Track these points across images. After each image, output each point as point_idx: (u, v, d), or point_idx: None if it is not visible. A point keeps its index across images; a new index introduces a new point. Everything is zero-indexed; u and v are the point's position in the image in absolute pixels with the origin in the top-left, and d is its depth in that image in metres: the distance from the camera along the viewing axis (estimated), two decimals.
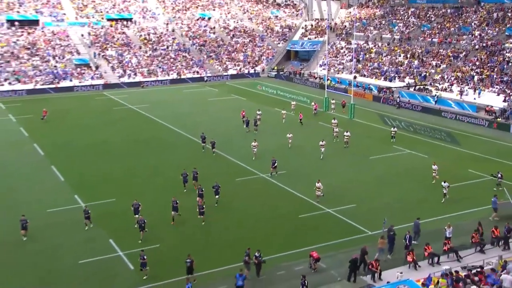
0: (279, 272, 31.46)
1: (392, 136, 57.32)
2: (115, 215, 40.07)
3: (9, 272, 32.52)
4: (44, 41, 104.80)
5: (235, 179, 46.93)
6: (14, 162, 53.14)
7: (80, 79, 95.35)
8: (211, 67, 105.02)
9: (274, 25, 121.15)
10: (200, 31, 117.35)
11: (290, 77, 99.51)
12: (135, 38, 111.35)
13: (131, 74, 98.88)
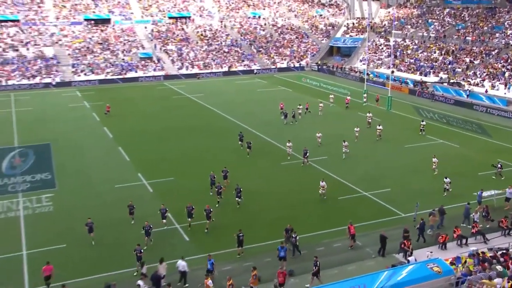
0: (318, 248, 31.24)
1: (421, 129, 55.42)
2: (173, 192, 40.34)
3: (84, 240, 33.04)
4: (114, 37, 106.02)
5: (281, 163, 46.52)
6: (88, 143, 54.00)
7: (144, 70, 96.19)
8: (260, 60, 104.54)
9: (318, 23, 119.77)
10: (251, 28, 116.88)
11: (332, 70, 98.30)
12: (192, 34, 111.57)
13: (188, 66, 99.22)
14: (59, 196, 40.33)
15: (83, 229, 32.71)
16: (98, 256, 30.60)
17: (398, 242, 30.43)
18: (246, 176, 43.24)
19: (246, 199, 38.07)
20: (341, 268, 28.72)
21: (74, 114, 68.15)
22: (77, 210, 37.65)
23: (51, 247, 31.76)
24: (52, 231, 34.47)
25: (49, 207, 38.39)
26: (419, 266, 26.11)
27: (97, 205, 38.50)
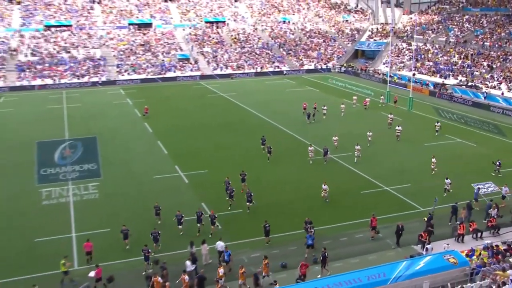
0: (342, 239, 31.11)
1: (436, 130, 54.32)
2: (207, 183, 40.53)
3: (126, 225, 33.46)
4: (155, 40, 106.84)
5: (306, 158, 46.24)
6: (130, 137, 54.57)
7: (181, 70, 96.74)
8: (290, 62, 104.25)
9: (344, 28, 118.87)
10: (281, 32, 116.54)
11: (357, 72, 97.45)
12: (227, 37, 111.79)
13: (222, 67, 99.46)
14: (103, 185, 40.94)
15: (126, 214, 33.25)
16: (137, 240, 30.92)
17: (416, 234, 30.18)
18: (274, 170, 43.23)
19: (274, 191, 38.11)
20: (363, 258, 28.57)
21: (118, 110, 68.98)
22: (120, 198, 38.28)
23: (96, 231, 32.27)
24: (97, 216, 35.02)
25: (95, 195, 39.01)
26: (436, 257, 25.84)
27: (137, 194, 38.98)
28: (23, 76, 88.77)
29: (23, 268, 28.51)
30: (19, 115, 66.79)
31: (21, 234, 32.60)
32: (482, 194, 35.54)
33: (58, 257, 27.42)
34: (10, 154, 49.26)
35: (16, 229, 33.39)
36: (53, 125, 60.47)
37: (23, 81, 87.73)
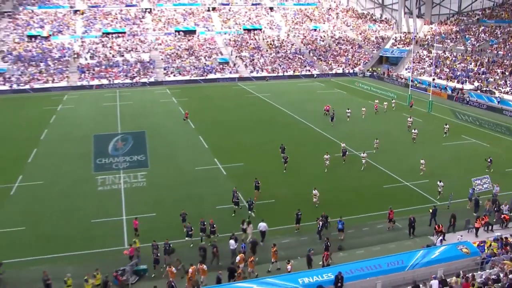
0: (364, 229, 30.86)
1: (445, 132, 52.80)
2: (243, 175, 40.55)
3: (170, 210, 33.90)
4: (198, 45, 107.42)
5: (334, 155, 45.33)
6: (175, 132, 55.03)
7: (221, 73, 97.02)
8: (320, 66, 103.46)
9: (370, 35, 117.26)
10: (312, 39, 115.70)
11: (381, 77, 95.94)
12: (263, 43, 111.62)
13: (258, 70, 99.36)
14: (151, 174, 41.45)
15: (170, 201, 33.67)
16: (180, 224, 31.22)
17: (433, 226, 29.69)
18: (305, 163, 42.96)
19: (304, 184, 37.87)
20: (383, 246, 28.35)
21: (164, 108, 69.64)
22: (165, 186, 38.72)
23: (144, 215, 32.72)
24: (144, 202, 35.51)
25: (143, 183, 39.53)
26: (450, 247, 25.57)
27: (181, 183, 39.35)
28: (83, 77, 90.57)
29: (81, 245, 29.28)
30: (79, 111, 68.20)
31: (80, 215, 33.41)
32: (477, 193, 34.53)
33: (111, 237, 28.05)
34: (72, 145, 50.39)
35: (76, 211, 34.25)
36: (108, 120, 61.53)
37: (83, 81, 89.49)
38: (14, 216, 33.43)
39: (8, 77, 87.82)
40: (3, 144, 51.44)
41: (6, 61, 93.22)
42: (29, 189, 38.45)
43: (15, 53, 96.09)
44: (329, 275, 22.83)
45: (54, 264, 26.64)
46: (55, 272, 24.92)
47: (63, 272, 24.47)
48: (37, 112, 67.50)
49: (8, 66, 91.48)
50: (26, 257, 27.50)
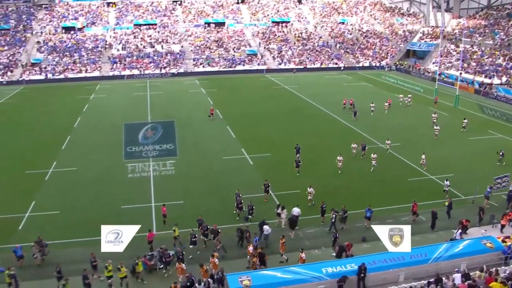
0: (388, 220, 30.45)
1: (463, 126, 51.25)
2: (269, 165, 40.65)
3: (198, 198, 34.24)
4: (227, 37, 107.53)
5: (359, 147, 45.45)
6: (203, 122, 55.33)
7: (250, 64, 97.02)
8: (347, 59, 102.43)
9: (398, 29, 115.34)
10: (340, 32, 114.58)
11: (408, 70, 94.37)
12: (291, 36, 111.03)
13: (286, 62, 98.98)
14: (179, 163, 41.88)
15: (198, 190, 34.05)
16: (208, 211, 31.55)
17: (457, 220, 29.26)
18: (329, 154, 42.43)
19: (329, 175, 37.72)
20: None
21: (193, 98, 70.09)
22: (192, 175, 39.10)
23: (172, 202, 33.11)
24: (173, 190, 35.95)
25: (172, 171, 40.01)
26: (474, 241, 25.28)
27: (208, 172, 39.66)
28: (115, 67, 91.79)
29: None
30: (111, 100, 69.28)
31: (111, 201, 34.11)
32: (494, 191, 33.65)
33: (140, 223, 28.32)
34: (103, 133, 51.29)
35: (107, 197, 34.98)
36: (138, 110, 62.30)
37: (115, 71, 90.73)
38: (49, 201, 34.32)
39: (44, 67, 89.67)
40: (39, 132, 52.67)
41: (42, 51, 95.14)
42: (63, 175, 39.36)
43: (50, 44, 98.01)
44: (352, 265, 22.85)
45: (92, 247, 27.26)
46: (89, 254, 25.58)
47: (96, 255, 25.07)
48: (71, 101, 68.83)
49: (44, 57, 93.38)
50: (62, 239, 28.14)
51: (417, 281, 22.34)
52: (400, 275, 23.06)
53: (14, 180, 38.26)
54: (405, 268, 23.21)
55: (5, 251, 27.37)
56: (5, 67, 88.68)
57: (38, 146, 47.24)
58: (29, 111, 63.29)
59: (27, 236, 28.99)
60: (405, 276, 23.14)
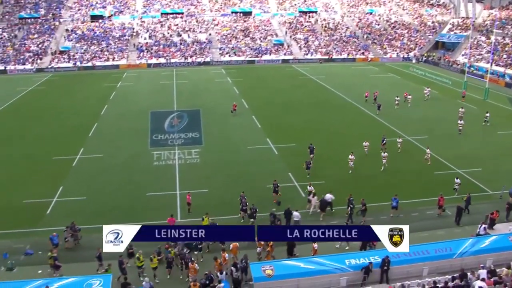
0: (413, 214, 30.35)
1: (485, 120, 49.89)
2: (294, 155, 40.58)
3: (222, 187, 34.53)
4: (254, 26, 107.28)
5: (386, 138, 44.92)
6: (229, 111, 55.26)
7: (276, 54, 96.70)
8: (374, 50, 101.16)
9: (427, 20, 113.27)
10: (367, 23, 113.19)
11: (436, 62, 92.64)
12: (318, 26, 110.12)
13: (313, 52, 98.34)
14: (204, 151, 42.22)
15: (223, 179, 34.38)
16: (232, 200, 31.77)
17: (483, 215, 28.83)
18: (354, 146, 42.04)
19: (359, 165, 37.45)
20: (431, 232, 27.85)
21: (219, 87, 70.33)
22: (217, 164, 39.37)
23: (196, 190, 33.41)
24: (198, 178, 36.28)
25: (197, 159, 40.37)
26: (501, 237, 24.88)
27: (233, 161, 39.95)
28: (142, 56, 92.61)
29: (138, 216, 30.33)
30: (137, 89, 70.06)
31: (137, 188, 34.64)
32: None
33: (165, 210, 28.89)
34: (130, 121, 51.97)
35: (133, 184, 35.53)
36: (164, 98, 62.85)
37: (142, 59, 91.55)
38: (76, 186, 35.07)
39: (72, 55, 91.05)
40: (67, 118, 53.60)
41: (70, 39, 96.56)
42: (90, 162, 40.13)
43: (79, 32, 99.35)
44: (376, 257, 22.76)
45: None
46: None
47: None
48: (98, 89, 69.85)
49: (72, 44, 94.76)
50: (89, 225, 28.61)
51: (441, 276, 22.18)
52: (424, 269, 22.91)
53: (43, 166, 39.16)
54: (429, 262, 23.02)
55: (34, 235, 28.20)
56: (34, 54, 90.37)
57: (66, 132, 48.17)
58: (57, 98, 64.53)
59: (54, 221, 29.87)
60: (429, 270, 22.97)
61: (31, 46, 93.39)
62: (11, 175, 37.38)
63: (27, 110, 57.83)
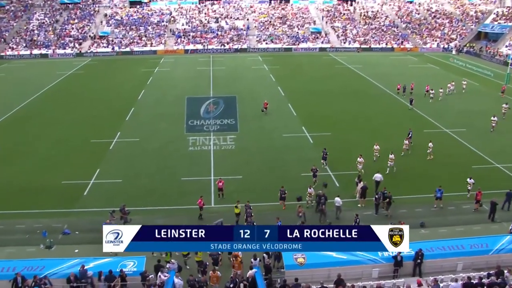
0: (449, 207, 29.86)
1: (503, 112, 47.90)
2: (329, 144, 40.03)
3: (256, 173, 34.75)
4: (292, 14, 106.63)
5: (423, 130, 44.12)
6: (265, 98, 54.57)
7: (313, 42, 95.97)
8: (413, 40, 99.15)
9: (469, 10, 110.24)
10: (407, 12, 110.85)
11: (478, 53, 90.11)
12: (356, 14, 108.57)
13: (351, 41, 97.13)
14: (239, 138, 42.48)
15: (257, 166, 34.66)
16: (266, 187, 31.94)
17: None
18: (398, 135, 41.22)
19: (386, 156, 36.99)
20: (467, 227, 27.32)
21: (255, 74, 70.42)
22: (252, 150, 39.61)
23: (230, 177, 33.74)
24: (232, 164, 36.58)
25: (232, 146, 40.67)
26: None
27: (268, 148, 40.00)
28: (179, 42, 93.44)
29: (172, 200, 31.02)
30: (174, 74, 70.87)
31: (172, 173, 35.19)
32: None
33: (199, 195, 29.25)
34: (166, 106, 52.72)
35: (169, 168, 36.11)
36: (201, 84, 63.37)
37: (179, 45, 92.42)
38: (112, 169, 35.88)
39: (111, 40, 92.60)
40: (105, 102, 54.79)
41: (109, 25, 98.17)
42: (126, 145, 40.97)
43: (117, 18, 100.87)
44: (409, 250, 22.53)
45: (152, 215, 28.59)
46: (150, 222, 26.66)
47: (156, 223, 26.08)
48: (135, 74, 71.01)
49: (111, 30, 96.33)
50: (127, 207, 28.66)
51: (476, 272, 21.80)
52: (459, 264, 22.58)
53: (81, 149, 40.19)
54: (464, 257, 22.67)
55: (71, 215, 29.11)
56: (75, 39, 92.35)
57: (103, 116, 49.22)
58: (96, 82, 66.00)
59: (91, 202, 30.75)
60: (464, 266, 22.62)
61: (71, 31, 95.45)
62: (50, 157, 38.51)
63: (66, 94, 59.38)
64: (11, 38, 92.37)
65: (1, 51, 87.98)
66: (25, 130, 45.26)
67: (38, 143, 41.74)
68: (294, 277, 20.22)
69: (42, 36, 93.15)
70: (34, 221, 28.27)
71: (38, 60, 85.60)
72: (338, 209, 28.53)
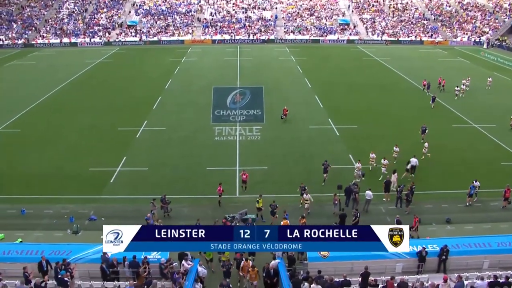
0: (476, 204, 29.38)
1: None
2: (356, 138, 40.10)
3: (281, 164, 34.78)
4: (320, 5, 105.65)
5: (451, 125, 43.54)
6: (291, 90, 55.24)
7: (341, 34, 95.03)
8: (443, 33, 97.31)
9: (503, 2, 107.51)
10: (438, 4, 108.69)
11: (510, 47, 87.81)
12: (385, 6, 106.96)
13: (379, 33, 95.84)
14: (265, 129, 42.51)
15: (282, 157, 34.72)
16: (292, 179, 31.94)
17: None
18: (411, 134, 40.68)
19: (409, 152, 36.44)
20: (494, 225, 26.93)
21: (282, 65, 70.22)
22: (278, 142, 39.59)
23: (256, 167, 33.90)
24: (257, 155, 36.69)
25: (257, 137, 40.73)
26: None
27: (294, 140, 39.91)
28: (207, 32, 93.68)
29: (197, 189, 31.31)
30: (201, 64, 71.18)
31: (198, 162, 35.49)
32: None
33: (224, 185, 29.42)
34: (192, 96, 53.07)
35: (194, 157, 36.43)
36: (228, 74, 63.51)
37: (207, 35, 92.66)
38: (139, 157, 36.37)
39: (139, 29, 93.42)
40: (132, 91, 55.45)
41: (138, 14, 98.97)
42: (153, 134, 41.43)
43: (146, 7, 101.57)
44: (434, 246, 22.33)
45: (177, 204, 28.91)
46: (178, 211, 27.33)
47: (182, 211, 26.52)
48: (163, 63, 71.57)
49: (139, 19, 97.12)
50: (151, 195, 29.10)
51: (502, 271, 21.45)
52: (485, 262, 22.25)
53: (108, 136, 40.85)
54: (491, 255, 22.32)
55: (98, 202, 29.68)
56: (103, 28, 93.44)
57: (131, 105, 49.83)
58: (124, 71, 66.77)
59: (117, 189, 31.29)
60: (490, 264, 22.27)
61: (100, 20, 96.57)
62: (78, 144, 39.22)
63: (94, 82, 60.29)
64: (41, 26, 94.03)
65: (32, 39, 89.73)
66: (55, 117, 46.17)
67: (66, 130, 42.55)
68: (317, 269, 20.23)
69: (72, 25, 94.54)
70: (62, 207, 28.94)
71: (67, 48, 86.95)
72: (367, 202, 28.53)
